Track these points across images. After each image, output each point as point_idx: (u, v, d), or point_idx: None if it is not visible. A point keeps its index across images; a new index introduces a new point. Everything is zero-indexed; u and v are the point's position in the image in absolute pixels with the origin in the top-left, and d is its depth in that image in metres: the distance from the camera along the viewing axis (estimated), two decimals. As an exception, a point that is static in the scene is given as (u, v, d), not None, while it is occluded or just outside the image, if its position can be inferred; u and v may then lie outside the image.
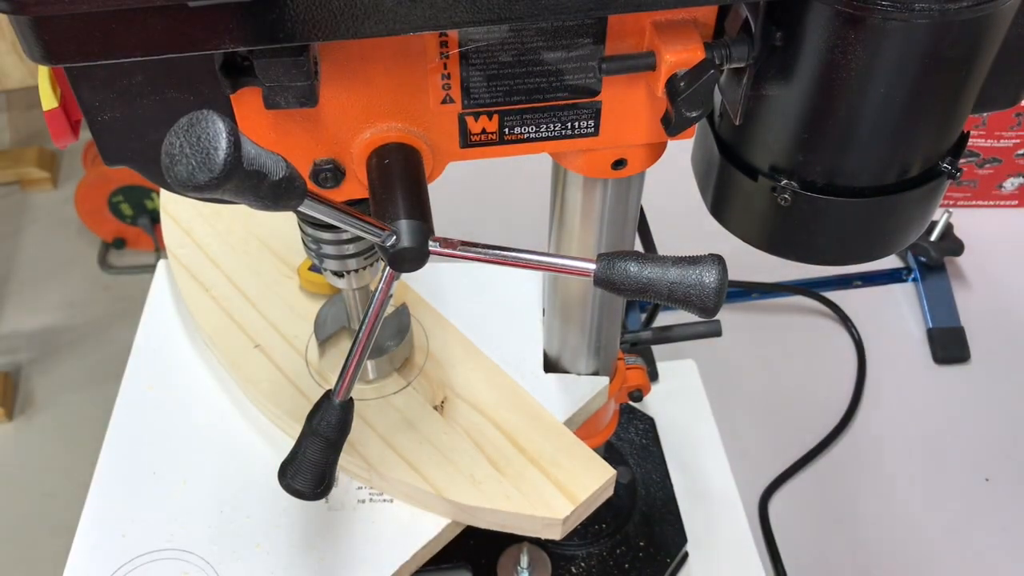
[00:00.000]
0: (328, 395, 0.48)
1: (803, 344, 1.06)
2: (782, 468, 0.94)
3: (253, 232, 0.74)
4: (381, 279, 0.46)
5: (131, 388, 0.68)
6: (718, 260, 0.42)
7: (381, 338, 0.64)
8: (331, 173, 0.45)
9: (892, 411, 1.00)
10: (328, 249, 0.54)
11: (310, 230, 0.53)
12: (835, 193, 0.44)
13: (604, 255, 0.43)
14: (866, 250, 0.48)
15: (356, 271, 0.56)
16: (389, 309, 0.67)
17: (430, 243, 0.42)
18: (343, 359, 0.63)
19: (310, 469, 0.47)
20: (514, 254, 0.44)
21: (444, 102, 0.44)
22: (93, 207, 1.75)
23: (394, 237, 0.42)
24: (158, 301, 0.74)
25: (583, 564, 0.77)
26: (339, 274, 0.56)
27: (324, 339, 0.65)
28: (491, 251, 0.44)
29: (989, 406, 1.00)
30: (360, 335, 0.47)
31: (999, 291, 1.11)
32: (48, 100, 0.41)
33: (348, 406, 0.48)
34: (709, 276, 0.42)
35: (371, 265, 0.56)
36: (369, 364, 0.63)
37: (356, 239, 0.53)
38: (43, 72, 0.41)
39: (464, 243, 0.43)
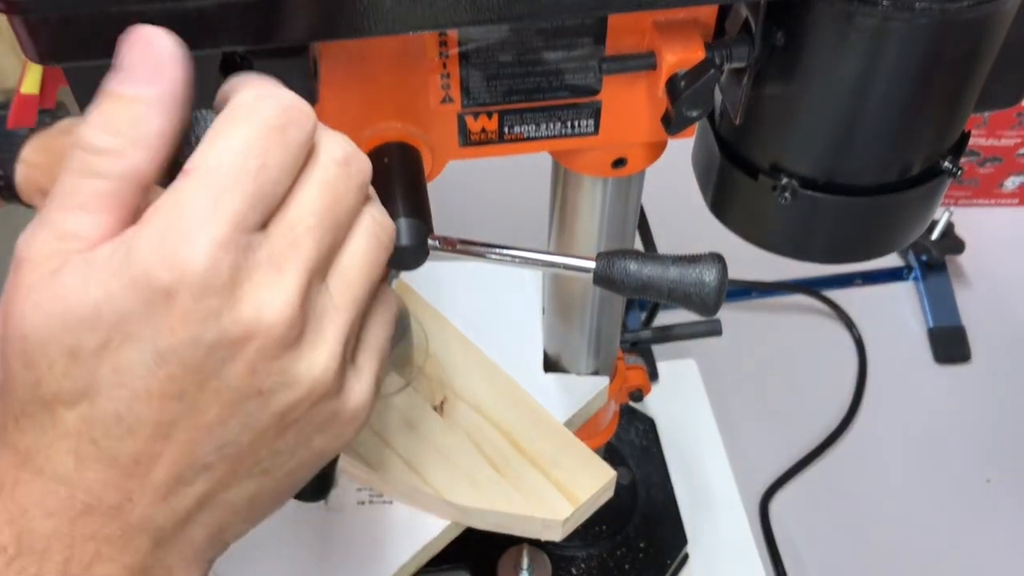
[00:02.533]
0: None
1: (803, 343, 1.06)
2: (782, 468, 0.94)
3: (253, 232, 0.74)
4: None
5: (130, 388, 0.68)
6: (718, 259, 0.42)
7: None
8: (330, 173, 0.45)
9: (893, 411, 1.00)
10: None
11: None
12: (836, 192, 0.44)
13: (604, 254, 0.43)
14: (867, 248, 0.48)
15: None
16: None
17: (429, 241, 0.42)
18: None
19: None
20: (513, 252, 0.44)
21: (443, 101, 0.44)
22: (93, 207, 1.75)
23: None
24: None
25: (583, 565, 0.77)
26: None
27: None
28: (490, 249, 0.43)
29: (990, 406, 1.00)
30: None
31: (1000, 290, 1.11)
32: (30, 86, 0.41)
33: None
34: (709, 275, 0.42)
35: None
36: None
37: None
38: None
39: (463, 241, 0.43)
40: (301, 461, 0.34)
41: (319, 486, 0.47)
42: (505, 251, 0.43)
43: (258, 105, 0.30)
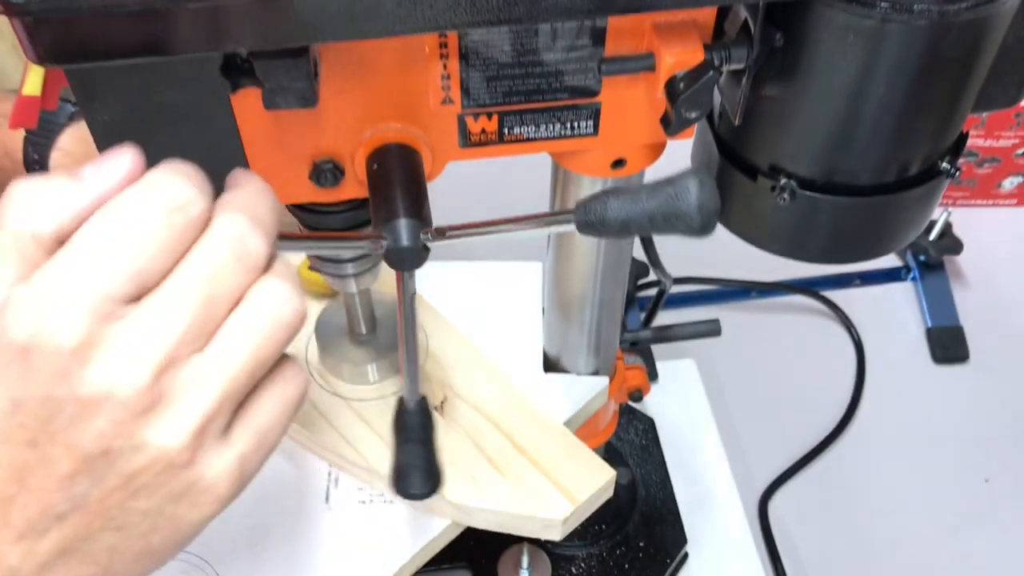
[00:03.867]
0: (402, 403, 0.48)
1: (802, 343, 1.06)
2: (782, 468, 0.94)
3: (253, 232, 0.74)
4: (399, 283, 0.45)
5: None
6: (697, 174, 0.39)
7: (383, 341, 0.64)
8: (331, 173, 0.45)
9: (891, 410, 1.00)
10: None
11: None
12: (834, 192, 0.44)
13: (581, 201, 0.41)
14: (865, 249, 0.48)
15: (355, 276, 0.56)
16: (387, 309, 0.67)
17: (421, 235, 0.42)
18: (343, 360, 0.63)
19: (418, 472, 0.49)
20: (499, 223, 0.43)
21: (444, 102, 0.44)
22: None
23: (385, 244, 0.42)
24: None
25: (583, 564, 0.77)
26: (339, 278, 0.56)
27: (325, 341, 0.65)
28: (477, 228, 0.43)
29: (988, 406, 1.00)
30: (403, 339, 0.47)
31: (998, 290, 1.11)
32: (32, 87, 0.41)
33: (422, 404, 0.49)
34: (688, 193, 0.39)
35: (371, 269, 0.56)
36: (370, 367, 0.63)
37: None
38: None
39: (451, 228, 0.43)
40: (155, 525, 0.34)
41: (427, 481, 0.49)
42: (491, 226, 0.42)
43: (157, 186, 0.33)
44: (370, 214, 0.43)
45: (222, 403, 0.33)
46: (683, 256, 0.90)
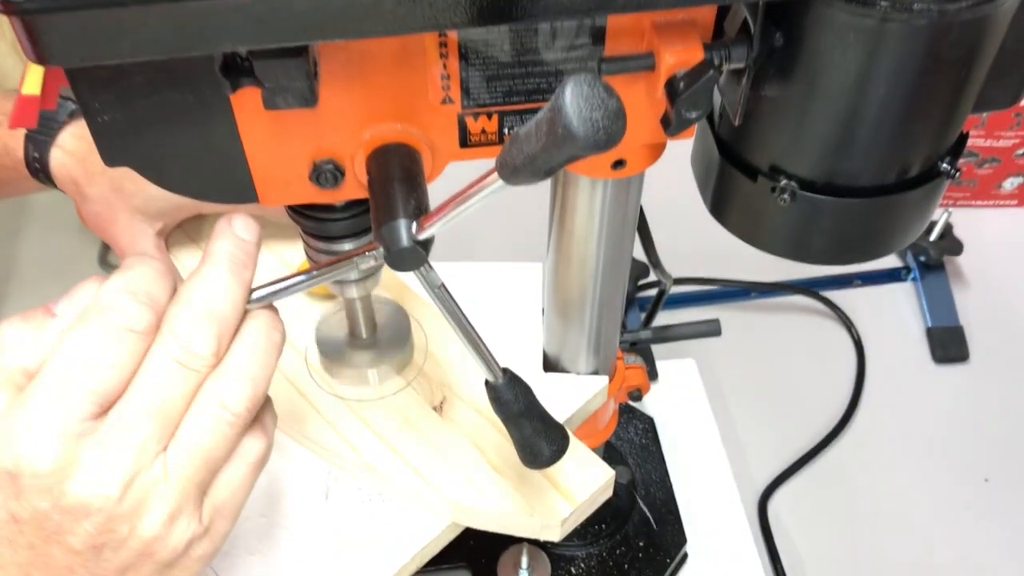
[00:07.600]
0: (489, 385, 0.49)
1: (803, 343, 1.06)
2: (781, 467, 0.94)
3: (253, 232, 0.74)
4: (424, 283, 0.45)
5: (131, 388, 0.68)
6: (574, 76, 0.32)
7: (384, 345, 0.64)
8: (331, 173, 0.45)
9: (891, 410, 1.00)
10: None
11: (312, 241, 0.53)
12: (834, 193, 0.44)
13: (498, 158, 0.38)
14: (865, 250, 0.48)
15: (356, 282, 0.56)
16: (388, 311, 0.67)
17: (412, 228, 0.42)
18: (343, 361, 0.63)
19: (540, 439, 0.50)
20: (463, 197, 0.41)
21: (444, 102, 0.44)
22: (92, 207, 1.74)
23: (380, 253, 0.42)
24: (158, 301, 0.73)
25: (582, 564, 0.77)
26: (340, 284, 0.57)
27: (326, 344, 0.65)
28: (450, 208, 0.41)
29: (988, 406, 1.00)
30: (455, 328, 0.47)
31: (998, 291, 1.11)
32: (31, 86, 0.42)
33: (508, 376, 0.49)
34: (563, 103, 0.31)
35: (372, 275, 0.56)
36: (371, 371, 0.63)
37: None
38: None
39: (428, 217, 0.42)
40: None
41: (552, 443, 0.49)
42: (457, 203, 0.41)
43: (107, 311, 0.37)
44: (370, 215, 0.43)
45: (187, 494, 0.38)
46: (683, 256, 0.91)
